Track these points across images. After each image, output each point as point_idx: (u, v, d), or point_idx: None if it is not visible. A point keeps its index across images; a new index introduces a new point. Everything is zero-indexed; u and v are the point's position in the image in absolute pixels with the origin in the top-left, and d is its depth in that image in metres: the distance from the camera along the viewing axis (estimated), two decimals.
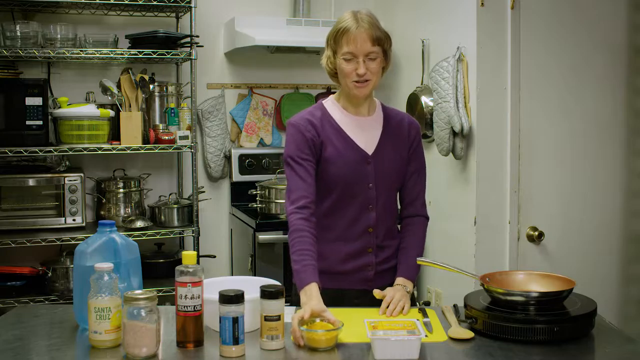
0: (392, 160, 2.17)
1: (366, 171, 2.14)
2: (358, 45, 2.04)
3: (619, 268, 3.22)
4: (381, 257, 2.20)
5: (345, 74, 2.08)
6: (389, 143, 2.18)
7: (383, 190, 2.16)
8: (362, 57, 2.05)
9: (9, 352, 1.72)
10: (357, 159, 2.13)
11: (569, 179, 3.10)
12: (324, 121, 2.15)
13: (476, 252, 3.03)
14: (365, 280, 2.18)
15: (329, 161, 2.12)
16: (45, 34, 3.28)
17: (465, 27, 3.04)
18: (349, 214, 2.15)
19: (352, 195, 2.13)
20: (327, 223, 2.15)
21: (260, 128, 3.94)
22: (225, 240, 3.92)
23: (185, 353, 1.72)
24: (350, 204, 2.14)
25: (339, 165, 2.12)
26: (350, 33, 2.05)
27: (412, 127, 2.24)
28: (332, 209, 2.15)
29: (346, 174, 2.12)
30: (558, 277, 1.97)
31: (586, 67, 3.09)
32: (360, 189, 2.13)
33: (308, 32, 3.60)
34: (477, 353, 1.72)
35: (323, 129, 2.13)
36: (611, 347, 1.77)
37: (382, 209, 2.17)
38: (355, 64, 2.06)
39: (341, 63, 2.08)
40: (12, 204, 3.26)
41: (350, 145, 2.14)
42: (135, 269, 1.95)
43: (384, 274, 2.20)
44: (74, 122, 3.26)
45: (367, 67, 2.06)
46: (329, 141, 2.13)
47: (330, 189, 2.14)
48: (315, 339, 1.71)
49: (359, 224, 2.15)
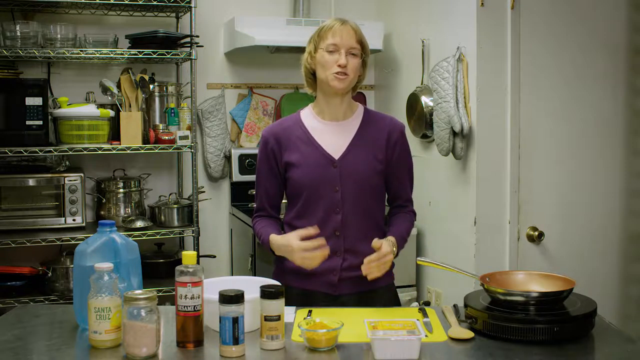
0: (362, 164, 2.18)
1: (332, 174, 2.16)
2: (343, 38, 2.12)
3: (619, 268, 3.22)
4: (349, 262, 2.17)
5: (326, 66, 2.13)
6: (361, 147, 2.19)
7: (351, 194, 2.17)
8: (345, 50, 2.12)
9: (9, 352, 1.72)
10: (321, 163, 2.17)
11: (569, 179, 3.11)
12: (292, 128, 2.22)
13: (476, 252, 3.03)
14: (329, 285, 2.18)
15: (294, 165, 2.19)
16: (45, 34, 3.27)
17: (465, 27, 3.04)
18: (316, 216, 2.17)
19: (318, 198, 2.17)
20: (299, 225, 2.19)
21: (260, 128, 3.94)
22: (225, 240, 3.92)
23: (185, 353, 1.72)
24: (317, 206, 2.17)
25: (303, 169, 2.17)
26: (336, 27, 2.14)
27: (394, 129, 2.24)
28: (301, 212, 2.20)
29: (311, 178, 2.16)
30: (558, 277, 1.97)
31: (586, 67, 3.10)
32: (326, 192, 2.16)
33: (308, 32, 3.53)
34: (477, 353, 1.72)
35: (289, 136, 2.21)
36: (611, 347, 1.77)
37: (351, 212, 2.17)
38: (337, 55, 2.12)
39: (323, 55, 2.13)
40: (12, 204, 3.26)
41: (315, 150, 2.18)
42: (135, 269, 1.95)
43: (350, 282, 2.18)
44: (74, 122, 3.26)
45: (348, 62, 2.12)
46: (294, 147, 2.20)
47: (298, 192, 2.20)
48: (315, 339, 1.71)
49: (326, 226, 2.16)
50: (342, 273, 2.18)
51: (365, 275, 2.05)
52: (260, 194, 2.29)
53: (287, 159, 2.20)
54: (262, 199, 2.29)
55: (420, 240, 3.50)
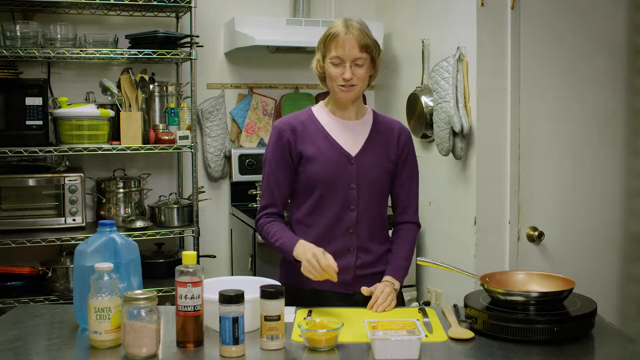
0: (377, 164, 2.19)
1: (349, 171, 2.16)
2: (346, 51, 2.09)
3: (619, 268, 3.22)
4: (362, 260, 2.19)
5: (332, 78, 2.14)
6: (375, 147, 2.20)
7: (366, 192, 2.17)
8: (349, 62, 2.11)
9: (9, 352, 1.72)
10: (339, 159, 2.16)
11: (569, 179, 3.10)
12: (308, 123, 2.21)
13: (476, 252, 3.03)
14: (343, 284, 2.17)
15: (310, 160, 2.16)
16: (45, 34, 3.27)
17: (465, 27, 3.04)
18: (330, 213, 2.17)
19: (333, 195, 2.16)
20: (309, 222, 2.19)
21: (260, 128, 3.94)
22: (225, 240, 3.92)
23: (185, 353, 1.72)
24: (332, 203, 2.16)
25: (320, 164, 2.15)
26: (339, 38, 2.10)
27: (403, 133, 2.26)
28: (313, 208, 2.18)
29: (327, 173, 2.15)
30: (558, 277, 1.97)
31: (586, 67, 3.10)
32: (342, 188, 2.16)
33: (308, 32, 3.59)
34: (477, 353, 1.73)
35: (305, 131, 2.19)
36: (611, 347, 1.77)
37: (365, 210, 2.18)
38: (342, 69, 2.11)
39: (329, 67, 2.13)
40: (12, 204, 3.26)
41: (332, 146, 2.18)
42: (135, 269, 1.95)
43: (364, 280, 2.18)
44: (74, 122, 3.25)
45: (354, 73, 2.11)
46: (310, 142, 2.17)
47: (312, 188, 2.17)
48: (315, 339, 1.71)
49: (339, 224, 2.16)
50: (356, 271, 2.19)
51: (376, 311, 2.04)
52: (271, 187, 2.20)
53: (304, 151, 2.17)
54: (273, 193, 2.19)
55: (420, 240, 3.50)
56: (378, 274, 2.20)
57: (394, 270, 2.20)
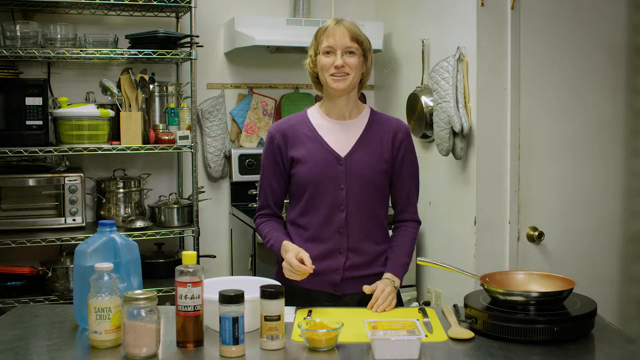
0: (368, 164, 2.18)
1: (337, 172, 2.16)
2: (337, 39, 2.13)
3: (619, 268, 3.22)
4: (352, 261, 2.18)
5: (324, 68, 2.15)
6: (367, 146, 2.20)
7: (357, 193, 2.17)
8: (341, 50, 2.13)
9: (9, 352, 1.72)
10: (327, 160, 2.17)
11: (569, 178, 3.10)
12: (299, 125, 2.23)
13: (476, 252, 3.03)
14: (331, 284, 2.18)
15: (299, 161, 2.19)
16: (45, 34, 3.27)
17: (465, 27, 3.04)
18: (321, 213, 2.18)
19: (323, 195, 2.17)
20: (303, 222, 2.21)
21: (260, 128, 3.94)
22: (225, 240, 3.92)
23: (185, 353, 1.72)
24: (322, 203, 2.17)
25: (309, 165, 2.18)
26: (330, 29, 2.15)
27: (400, 131, 2.24)
28: (306, 209, 2.20)
29: (316, 174, 2.17)
30: (558, 277, 1.97)
31: (586, 67, 3.10)
32: (331, 189, 2.16)
33: (308, 32, 3.55)
34: (477, 353, 1.72)
35: (296, 134, 2.22)
36: (611, 347, 1.77)
37: (356, 211, 2.18)
38: (333, 57, 2.13)
39: (321, 59, 2.15)
40: (12, 204, 3.26)
41: (322, 147, 2.19)
42: (135, 269, 1.95)
43: (352, 282, 2.18)
44: (74, 122, 3.26)
45: (345, 61, 2.13)
46: (301, 144, 2.20)
47: (303, 189, 2.20)
48: (315, 339, 1.71)
49: (330, 224, 2.17)
50: (344, 272, 2.18)
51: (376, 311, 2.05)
52: (265, 191, 2.28)
53: (293, 154, 2.20)
54: (267, 196, 2.28)
55: (420, 240, 3.50)
56: (369, 276, 2.18)
57: (395, 267, 2.19)
